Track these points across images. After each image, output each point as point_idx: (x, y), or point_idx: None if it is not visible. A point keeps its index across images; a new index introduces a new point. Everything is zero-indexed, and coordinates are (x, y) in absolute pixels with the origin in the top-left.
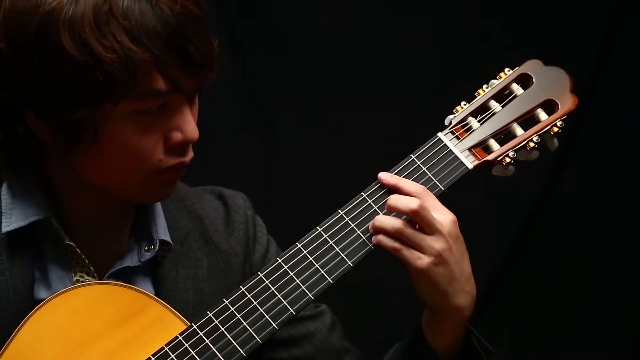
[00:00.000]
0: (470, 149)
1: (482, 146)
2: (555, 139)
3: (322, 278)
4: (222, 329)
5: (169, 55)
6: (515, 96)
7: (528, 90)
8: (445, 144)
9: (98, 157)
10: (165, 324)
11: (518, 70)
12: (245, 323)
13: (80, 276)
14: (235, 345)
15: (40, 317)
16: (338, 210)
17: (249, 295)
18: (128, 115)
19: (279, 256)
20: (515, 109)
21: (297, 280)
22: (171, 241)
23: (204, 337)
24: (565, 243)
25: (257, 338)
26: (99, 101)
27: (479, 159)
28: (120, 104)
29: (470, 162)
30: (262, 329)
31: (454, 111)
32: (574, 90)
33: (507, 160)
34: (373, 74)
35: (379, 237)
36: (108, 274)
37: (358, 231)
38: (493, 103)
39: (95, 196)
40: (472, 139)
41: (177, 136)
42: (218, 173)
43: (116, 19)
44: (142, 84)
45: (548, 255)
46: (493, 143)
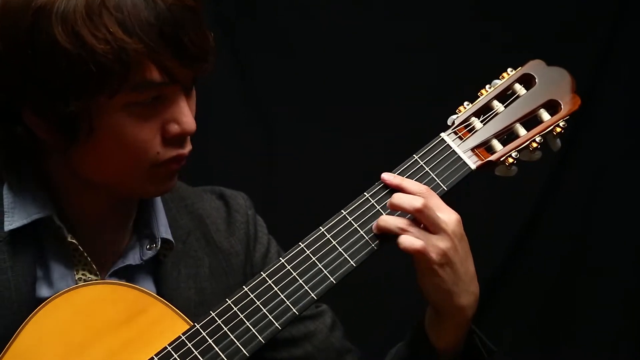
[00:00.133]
0: (473, 149)
1: (485, 146)
2: (558, 140)
3: (325, 278)
4: (225, 329)
5: (163, 45)
6: (518, 96)
7: (531, 90)
8: (448, 144)
9: (95, 152)
10: (167, 324)
11: (521, 70)
12: (248, 323)
13: (82, 274)
14: (238, 345)
15: (42, 317)
16: (341, 210)
17: (252, 295)
18: (123, 107)
19: (282, 256)
20: (518, 109)
21: (300, 280)
22: (173, 240)
23: (207, 337)
24: (566, 243)
25: (260, 338)
26: (94, 93)
27: (482, 160)
28: (115, 97)
29: (473, 163)
30: (265, 329)
31: (457, 111)
32: (576, 90)
33: (510, 160)
34: (373, 74)
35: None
36: (110, 272)
37: (361, 231)
38: (496, 103)
39: (95, 194)
40: (475, 140)
41: (174, 128)
42: (218, 173)
43: (108, 11)
44: (136, 75)
45: (549, 255)
46: (496, 143)
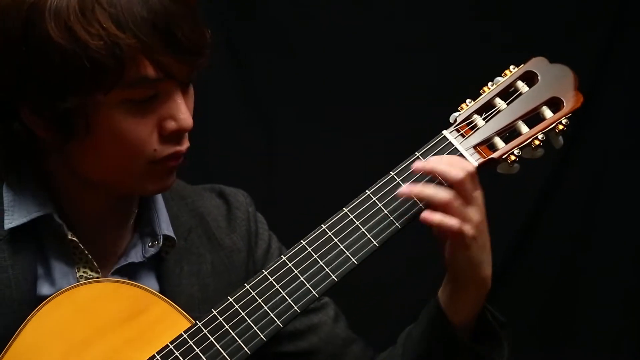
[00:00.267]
0: (475, 147)
1: (487, 144)
2: (560, 137)
3: (327, 276)
4: (227, 327)
5: (156, 40)
6: (520, 94)
7: (533, 87)
8: (450, 142)
9: (93, 150)
10: (169, 322)
11: (523, 67)
12: (249, 320)
13: (83, 272)
14: (239, 343)
15: (44, 315)
16: (343, 208)
17: (254, 292)
18: (120, 104)
19: (284, 254)
20: (520, 107)
21: (302, 277)
22: (175, 237)
23: (209, 335)
24: (566, 242)
25: (262, 335)
26: (89, 90)
27: (484, 157)
28: (110, 93)
29: (475, 160)
30: (267, 327)
31: (459, 109)
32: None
33: (512, 158)
34: (373, 74)
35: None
36: (113, 270)
37: (362, 229)
38: (498, 100)
39: (95, 193)
40: (477, 137)
41: (171, 125)
42: (218, 173)
43: (101, 6)
44: (131, 71)
45: (550, 254)
46: (498, 141)
